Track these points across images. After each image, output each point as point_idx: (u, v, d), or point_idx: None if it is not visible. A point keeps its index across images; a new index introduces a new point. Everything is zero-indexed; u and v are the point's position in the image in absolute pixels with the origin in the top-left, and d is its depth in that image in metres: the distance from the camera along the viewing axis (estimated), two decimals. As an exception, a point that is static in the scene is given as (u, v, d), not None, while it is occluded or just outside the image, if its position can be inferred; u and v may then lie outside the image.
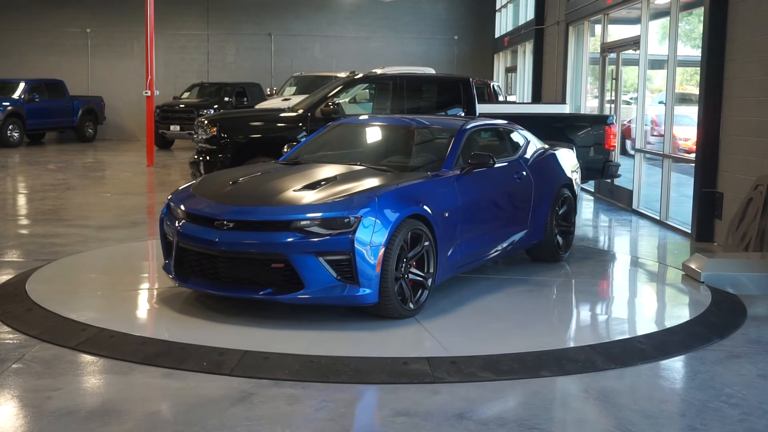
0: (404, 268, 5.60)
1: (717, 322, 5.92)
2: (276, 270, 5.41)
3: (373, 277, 5.36)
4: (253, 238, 5.46)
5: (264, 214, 5.53)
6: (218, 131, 10.07)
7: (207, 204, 5.79)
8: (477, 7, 27.49)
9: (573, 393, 4.51)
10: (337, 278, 5.36)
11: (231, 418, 4.01)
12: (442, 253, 5.97)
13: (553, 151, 7.94)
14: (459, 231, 6.20)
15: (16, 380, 4.51)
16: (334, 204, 5.49)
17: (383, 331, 5.42)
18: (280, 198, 5.69)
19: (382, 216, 5.44)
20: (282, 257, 5.36)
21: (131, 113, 26.17)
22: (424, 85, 11.31)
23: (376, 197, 5.53)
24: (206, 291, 5.72)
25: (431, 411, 4.17)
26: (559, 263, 7.67)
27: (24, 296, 6.07)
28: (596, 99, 15.25)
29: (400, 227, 5.52)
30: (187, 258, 5.79)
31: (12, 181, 14.51)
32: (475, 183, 6.52)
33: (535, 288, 6.75)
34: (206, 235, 5.58)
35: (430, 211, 5.81)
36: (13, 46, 26.53)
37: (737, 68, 8.79)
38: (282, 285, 5.43)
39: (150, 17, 17.14)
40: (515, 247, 7.18)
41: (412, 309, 5.68)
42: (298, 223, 5.39)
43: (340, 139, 7.44)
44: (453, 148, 6.59)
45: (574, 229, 8.06)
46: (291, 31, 27.09)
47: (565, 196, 7.74)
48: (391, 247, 5.44)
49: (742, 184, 8.49)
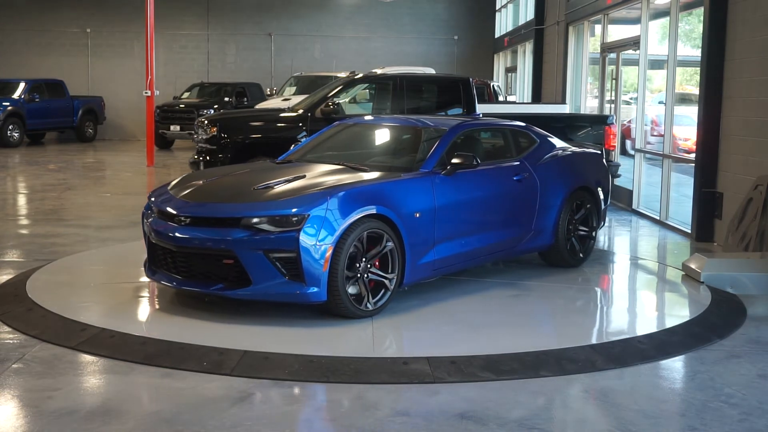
0: (362, 267, 5.59)
1: (717, 322, 5.92)
2: (227, 266, 5.51)
3: (320, 276, 5.37)
4: (205, 234, 5.58)
5: (216, 210, 5.66)
6: (218, 131, 10.07)
7: (172, 201, 5.95)
8: (477, 7, 27.49)
9: (573, 393, 4.51)
10: (284, 276, 5.40)
11: (231, 418, 4.01)
12: (413, 255, 5.89)
13: (571, 152, 7.64)
14: (437, 232, 6.10)
15: (16, 380, 4.51)
16: (283, 202, 5.55)
17: (382, 330, 5.42)
18: (237, 196, 5.80)
19: (332, 215, 5.44)
20: (231, 254, 5.44)
21: (131, 113, 26.18)
22: (424, 85, 11.31)
23: (329, 196, 5.54)
24: (168, 285, 5.85)
25: (431, 411, 4.17)
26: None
27: (24, 296, 6.07)
28: (596, 99, 15.25)
29: (352, 227, 5.50)
30: (156, 253, 5.96)
31: (12, 181, 14.51)
32: (459, 183, 6.37)
33: (534, 288, 6.75)
34: (167, 230, 5.77)
35: (394, 211, 5.74)
36: (13, 46, 26.54)
37: (737, 68, 8.79)
38: (232, 281, 5.52)
39: (150, 17, 17.14)
40: (517, 251, 7.03)
41: (369, 310, 5.63)
42: (249, 220, 5.45)
43: (336, 139, 7.45)
44: (437, 148, 6.46)
45: (596, 235, 7.72)
46: (291, 31, 27.10)
47: (582, 199, 7.43)
48: (342, 247, 5.43)
49: (742, 184, 8.50)
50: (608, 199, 8.03)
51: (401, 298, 6.19)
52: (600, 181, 7.77)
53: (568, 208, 7.27)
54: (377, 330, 5.42)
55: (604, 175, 7.96)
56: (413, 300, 6.17)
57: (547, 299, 6.48)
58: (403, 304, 6.06)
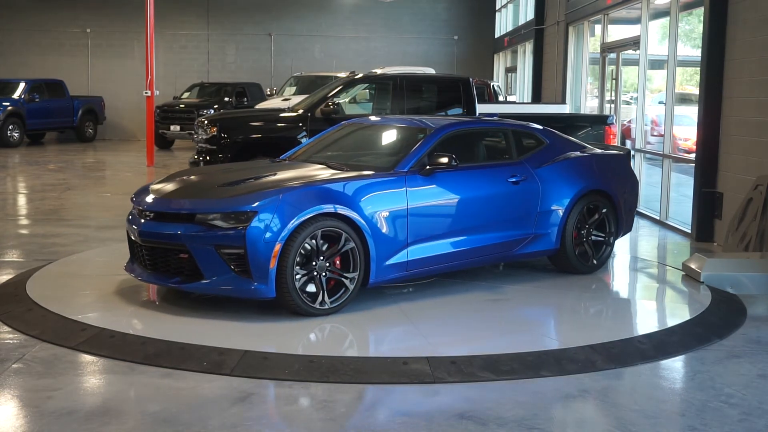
0: (318, 266, 5.60)
1: (717, 322, 5.92)
2: (183, 260, 5.69)
3: (267, 272, 5.43)
4: (163, 228, 5.77)
5: (173, 206, 5.85)
6: (218, 131, 10.08)
7: (146, 197, 6.14)
8: (477, 7, 27.49)
9: (573, 393, 4.51)
10: (233, 271, 5.51)
11: (231, 418, 4.01)
12: (379, 255, 5.86)
13: (588, 154, 7.37)
14: (411, 233, 6.05)
15: (16, 380, 4.51)
16: (235, 199, 5.67)
17: (382, 330, 5.42)
18: (200, 192, 5.97)
19: (282, 213, 5.49)
20: (185, 248, 5.61)
21: (131, 113, 26.19)
22: (424, 85, 11.31)
23: (280, 194, 5.61)
24: (137, 278, 6.06)
25: (431, 411, 4.17)
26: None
27: (24, 296, 6.07)
28: (596, 99, 15.26)
29: (305, 225, 5.53)
30: (133, 248, 6.22)
31: (12, 181, 14.51)
32: (441, 184, 6.28)
33: (534, 289, 6.75)
34: (137, 225, 5.99)
35: (356, 210, 5.74)
36: (13, 46, 26.54)
37: (737, 68, 8.79)
38: (188, 275, 5.69)
39: (150, 17, 17.14)
40: (515, 255, 6.83)
41: (324, 308, 5.64)
42: (202, 216, 5.61)
43: (338, 138, 7.45)
44: (417, 149, 6.38)
45: (613, 240, 7.37)
46: (291, 31, 27.10)
47: (596, 203, 7.15)
48: (291, 244, 5.47)
49: (742, 184, 8.50)
50: (635, 204, 7.72)
51: (401, 297, 6.20)
52: (621, 185, 7.42)
53: (578, 211, 7.00)
54: (378, 330, 5.42)
55: (627, 178, 7.61)
56: (413, 299, 6.18)
57: (548, 299, 6.48)
58: (404, 303, 6.07)
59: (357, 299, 5.90)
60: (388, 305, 6.01)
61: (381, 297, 6.21)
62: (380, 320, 5.63)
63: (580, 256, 7.12)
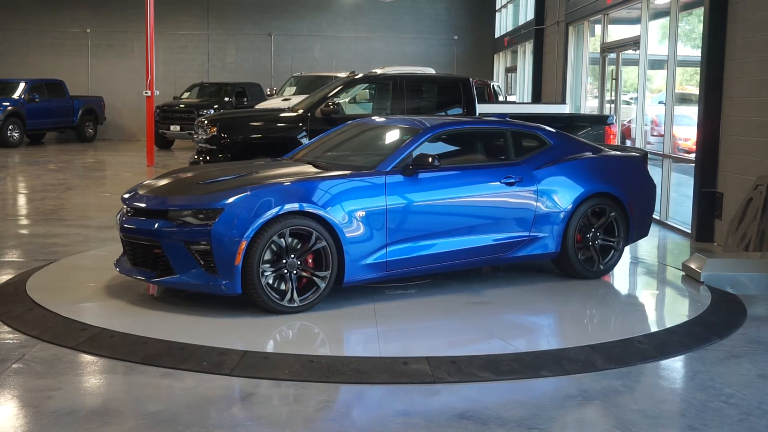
0: (289, 263, 5.63)
1: (717, 322, 5.92)
2: (157, 255, 5.83)
3: (232, 269, 5.51)
4: (140, 224, 5.93)
5: (149, 202, 5.99)
6: (218, 131, 10.08)
7: (133, 193, 6.29)
8: (477, 7, 27.50)
9: (573, 393, 4.51)
10: (201, 267, 5.63)
11: (231, 418, 4.01)
12: (354, 254, 5.85)
13: (597, 156, 7.16)
14: (391, 233, 6.01)
15: (16, 380, 4.51)
16: (204, 197, 5.78)
17: (382, 330, 5.43)
18: (179, 190, 6.09)
19: (248, 210, 5.57)
20: (157, 244, 5.76)
21: (131, 113, 26.20)
22: (424, 85, 11.31)
23: (247, 192, 5.69)
24: (120, 273, 6.21)
25: (431, 411, 4.17)
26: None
27: (24, 296, 6.08)
28: (596, 99, 15.26)
29: (270, 223, 5.58)
30: (122, 243, 6.32)
31: (12, 181, 14.51)
32: (425, 185, 6.21)
33: (534, 289, 6.75)
34: (122, 221, 6.14)
35: (328, 209, 5.75)
36: (13, 46, 26.54)
37: (737, 68, 8.79)
38: (162, 270, 5.83)
39: (150, 17, 17.14)
40: (510, 257, 6.66)
41: (293, 306, 5.67)
42: (174, 213, 5.75)
43: (338, 139, 7.44)
44: (402, 148, 6.35)
45: (623, 246, 7.12)
46: (291, 31, 27.10)
47: (603, 206, 6.93)
48: (257, 241, 5.53)
49: (742, 184, 8.50)
50: (651, 208, 7.47)
51: (402, 298, 6.19)
52: (632, 188, 7.16)
53: (581, 214, 6.81)
54: (378, 330, 5.42)
55: (641, 181, 7.34)
56: (414, 300, 6.18)
57: (548, 299, 6.48)
58: (404, 304, 6.06)
59: (355, 299, 5.89)
60: (388, 304, 6.01)
61: (381, 297, 6.22)
62: (380, 320, 5.63)
63: (584, 261, 6.92)
